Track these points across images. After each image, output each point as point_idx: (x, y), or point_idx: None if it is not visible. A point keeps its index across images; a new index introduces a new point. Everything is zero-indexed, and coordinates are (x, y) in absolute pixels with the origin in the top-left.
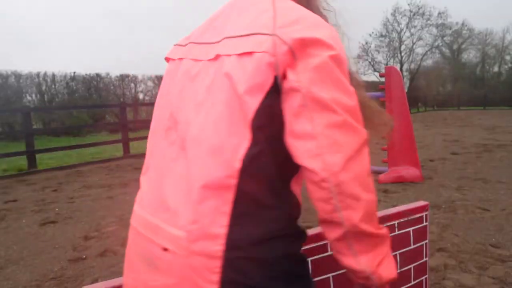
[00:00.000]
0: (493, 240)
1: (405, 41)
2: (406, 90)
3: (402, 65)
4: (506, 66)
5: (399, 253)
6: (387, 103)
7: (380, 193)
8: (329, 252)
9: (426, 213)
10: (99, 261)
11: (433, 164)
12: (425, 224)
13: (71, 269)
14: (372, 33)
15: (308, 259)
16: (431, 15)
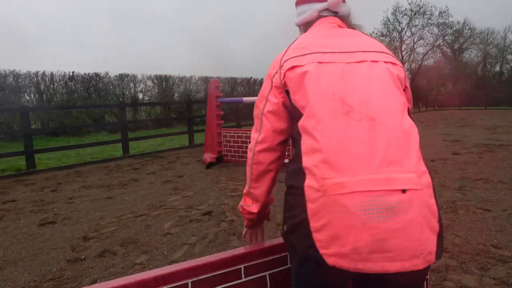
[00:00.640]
0: (495, 240)
1: (406, 40)
2: None
3: (403, 64)
4: (508, 66)
5: None
6: None
7: None
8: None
9: None
10: (98, 262)
11: (434, 164)
12: None
13: (70, 270)
14: (373, 32)
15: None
16: (432, 14)
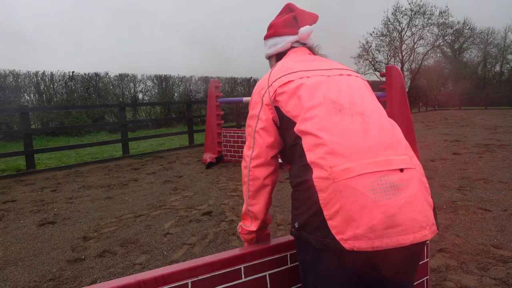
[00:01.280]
0: (495, 240)
1: (406, 40)
2: (407, 90)
3: (403, 64)
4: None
5: None
6: (388, 103)
7: None
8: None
9: None
10: (98, 262)
11: (434, 164)
12: None
13: (69, 270)
14: (373, 32)
15: None
16: (432, 14)
